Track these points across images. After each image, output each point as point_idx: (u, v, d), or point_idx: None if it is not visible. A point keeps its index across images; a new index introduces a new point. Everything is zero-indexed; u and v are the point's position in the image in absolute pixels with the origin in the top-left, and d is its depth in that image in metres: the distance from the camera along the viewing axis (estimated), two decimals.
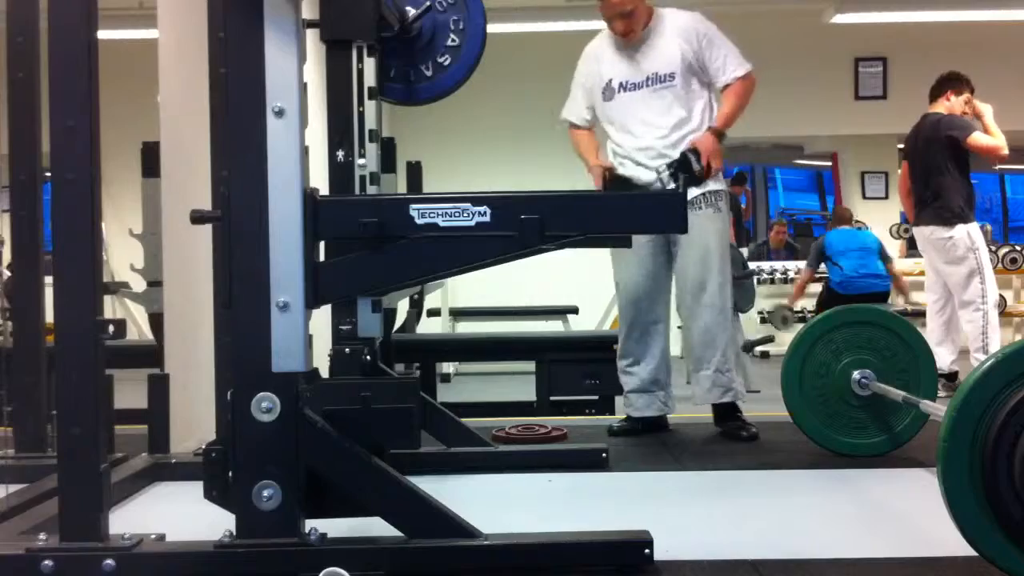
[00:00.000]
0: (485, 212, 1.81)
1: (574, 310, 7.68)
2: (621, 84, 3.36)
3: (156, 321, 2.97)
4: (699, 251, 3.28)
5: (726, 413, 3.37)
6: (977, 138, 4.94)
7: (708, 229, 3.28)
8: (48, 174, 1.81)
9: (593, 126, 3.53)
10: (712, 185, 3.30)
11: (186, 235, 2.62)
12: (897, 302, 7.71)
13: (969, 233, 4.96)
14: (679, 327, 3.52)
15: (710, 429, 3.40)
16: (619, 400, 4.30)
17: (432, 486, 1.97)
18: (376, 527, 1.88)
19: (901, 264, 8.45)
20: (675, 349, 7.62)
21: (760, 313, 8.61)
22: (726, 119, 3.28)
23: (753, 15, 7.79)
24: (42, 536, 1.81)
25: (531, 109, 8.78)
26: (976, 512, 1.73)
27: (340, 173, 2.47)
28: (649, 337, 3.40)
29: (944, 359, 5.09)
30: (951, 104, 5.16)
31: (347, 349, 2.51)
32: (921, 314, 7.85)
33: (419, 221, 1.82)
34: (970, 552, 1.78)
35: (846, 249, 7.14)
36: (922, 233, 5.16)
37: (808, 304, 8.41)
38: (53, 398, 1.98)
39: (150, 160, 2.93)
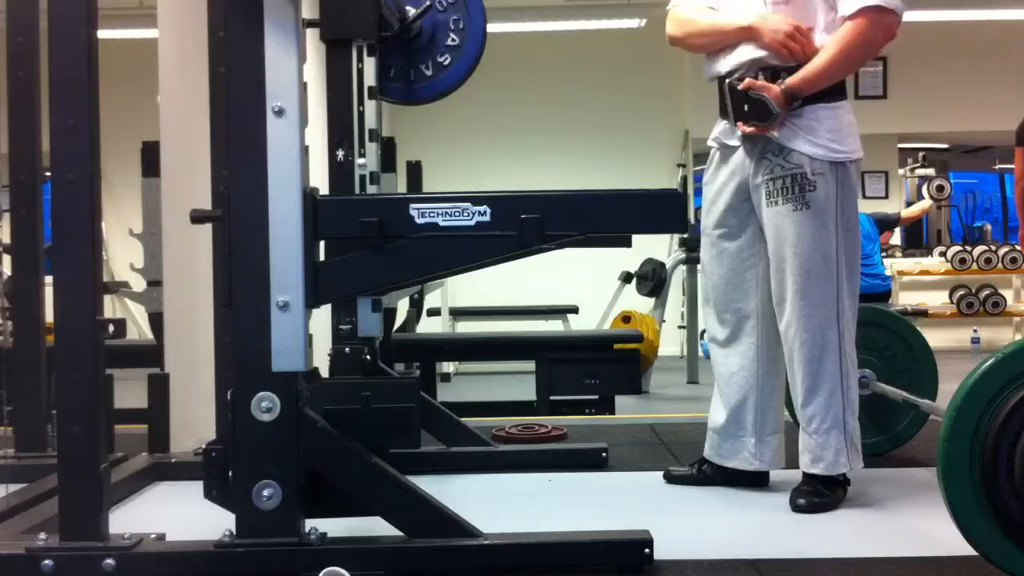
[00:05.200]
0: (485, 212, 1.81)
1: (574, 310, 7.67)
2: None
3: (156, 321, 2.97)
4: (775, 261, 2.41)
5: (811, 478, 2.43)
6: None
7: (786, 234, 2.36)
8: (48, 174, 1.81)
9: None
10: (794, 159, 2.33)
11: (186, 235, 2.63)
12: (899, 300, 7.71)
13: None
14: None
15: None
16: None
17: (432, 486, 1.97)
18: (376, 527, 1.88)
19: (899, 264, 8.45)
20: (674, 349, 7.70)
21: None
22: (805, 77, 2.29)
23: None
24: (42, 536, 1.81)
25: (531, 109, 8.80)
26: (976, 512, 1.73)
27: (340, 173, 2.47)
28: (738, 359, 2.55)
29: None
30: None
31: (347, 349, 2.51)
32: (922, 314, 7.89)
33: (419, 221, 1.82)
34: (970, 552, 1.77)
35: None
36: None
37: None
38: (53, 398, 1.99)
39: (150, 160, 2.93)
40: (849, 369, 2.40)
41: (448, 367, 7.46)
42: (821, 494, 2.39)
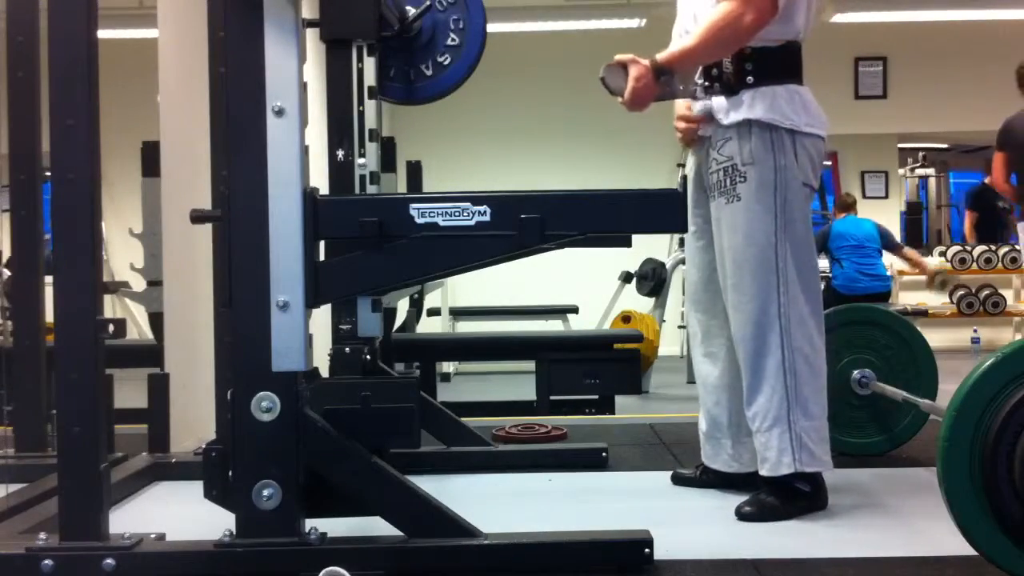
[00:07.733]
0: (485, 212, 1.81)
1: (574, 310, 7.68)
2: None
3: (156, 321, 2.97)
4: (717, 256, 2.37)
5: (764, 484, 2.33)
6: None
7: (723, 228, 2.32)
8: (48, 174, 1.81)
9: None
10: (726, 151, 2.28)
11: (186, 235, 2.63)
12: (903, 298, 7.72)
13: None
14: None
15: None
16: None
17: (432, 486, 1.97)
18: (376, 527, 1.88)
19: (899, 263, 8.45)
20: (674, 349, 7.70)
21: None
22: (673, 54, 2.26)
23: None
24: (42, 536, 1.81)
25: (531, 109, 8.80)
26: (976, 512, 1.73)
27: (340, 173, 2.47)
28: (710, 360, 2.51)
29: None
30: None
31: (347, 349, 2.50)
32: (921, 313, 7.89)
33: (419, 221, 1.82)
34: (970, 552, 1.77)
35: (848, 246, 7.13)
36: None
37: None
38: (53, 398, 1.98)
39: (150, 160, 2.93)
40: (798, 366, 2.27)
41: (448, 367, 7.47)
42: (767, 504, 2.29)
